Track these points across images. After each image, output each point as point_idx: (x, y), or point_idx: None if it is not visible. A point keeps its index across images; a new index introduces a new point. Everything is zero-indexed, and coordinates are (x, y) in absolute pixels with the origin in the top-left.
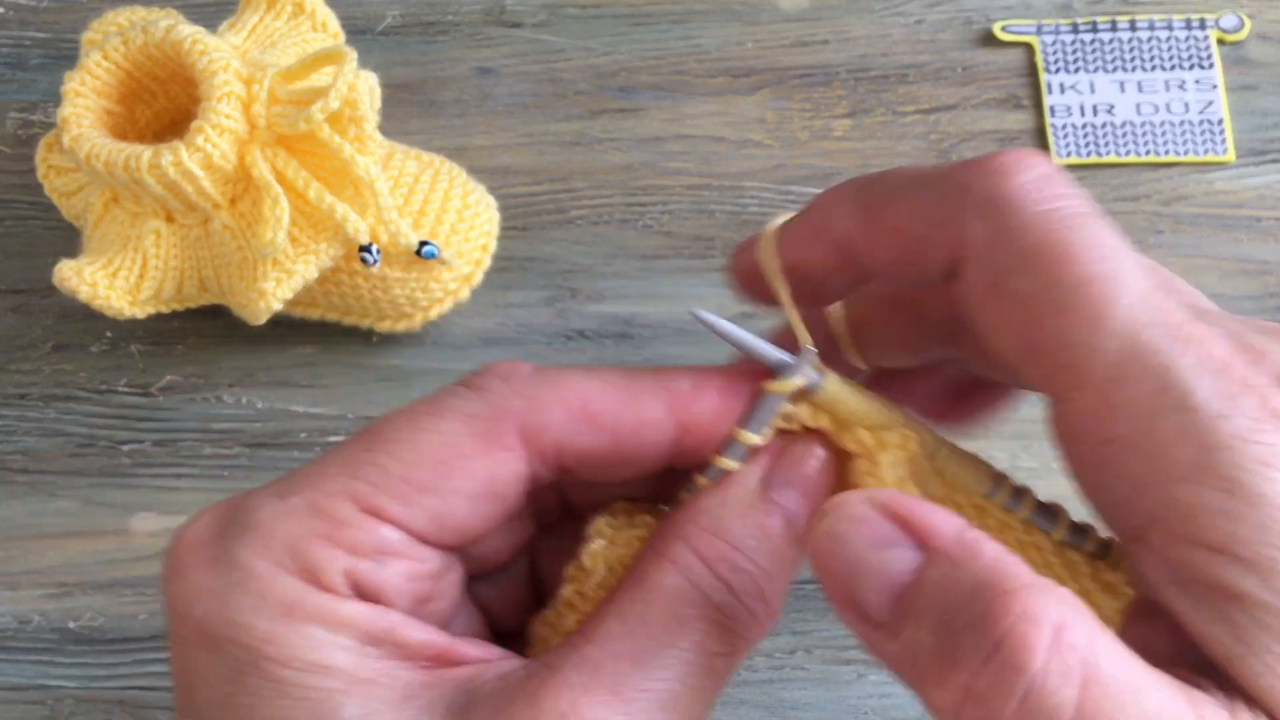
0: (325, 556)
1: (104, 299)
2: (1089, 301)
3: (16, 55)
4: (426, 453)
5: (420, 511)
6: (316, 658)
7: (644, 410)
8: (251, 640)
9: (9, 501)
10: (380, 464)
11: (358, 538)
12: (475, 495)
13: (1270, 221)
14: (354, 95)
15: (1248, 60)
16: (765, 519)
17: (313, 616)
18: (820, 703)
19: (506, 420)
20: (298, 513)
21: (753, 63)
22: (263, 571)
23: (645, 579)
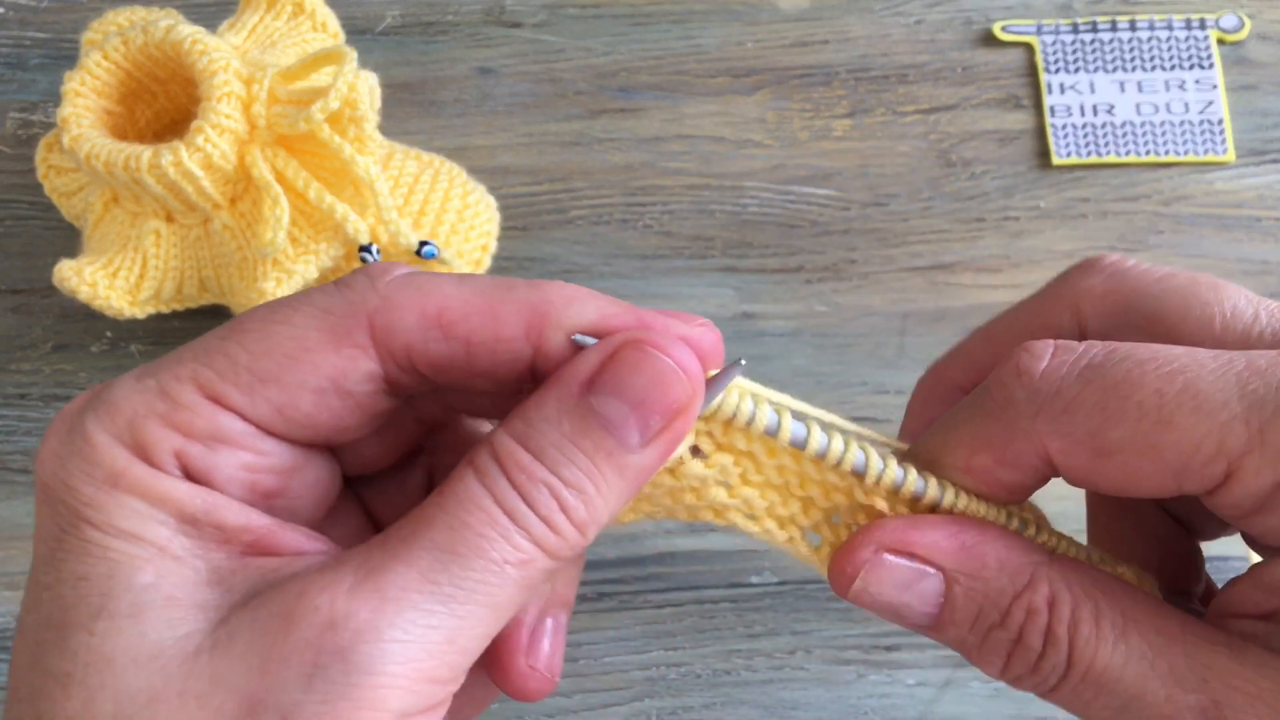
0: (157, 435)
1: (104, 299)
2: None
3: (16, 55)
4: (275, 344)
5: (262, 402)
6: (128, 526)
7: (502, 327)
8: (75, 502)
9: (9, 501)
10: (229, 353)
11: (192, 422)
12: (320, 389)
13: (1270, 221)
14: (354, 95)
15: (1248, 60)
16: (578, 430)
17: (134, 488)
18: (820, 703)
19: (358, 318)
20: (145, 393)
21: (753, 63)
22: (99, 442)
23: (447, 483)
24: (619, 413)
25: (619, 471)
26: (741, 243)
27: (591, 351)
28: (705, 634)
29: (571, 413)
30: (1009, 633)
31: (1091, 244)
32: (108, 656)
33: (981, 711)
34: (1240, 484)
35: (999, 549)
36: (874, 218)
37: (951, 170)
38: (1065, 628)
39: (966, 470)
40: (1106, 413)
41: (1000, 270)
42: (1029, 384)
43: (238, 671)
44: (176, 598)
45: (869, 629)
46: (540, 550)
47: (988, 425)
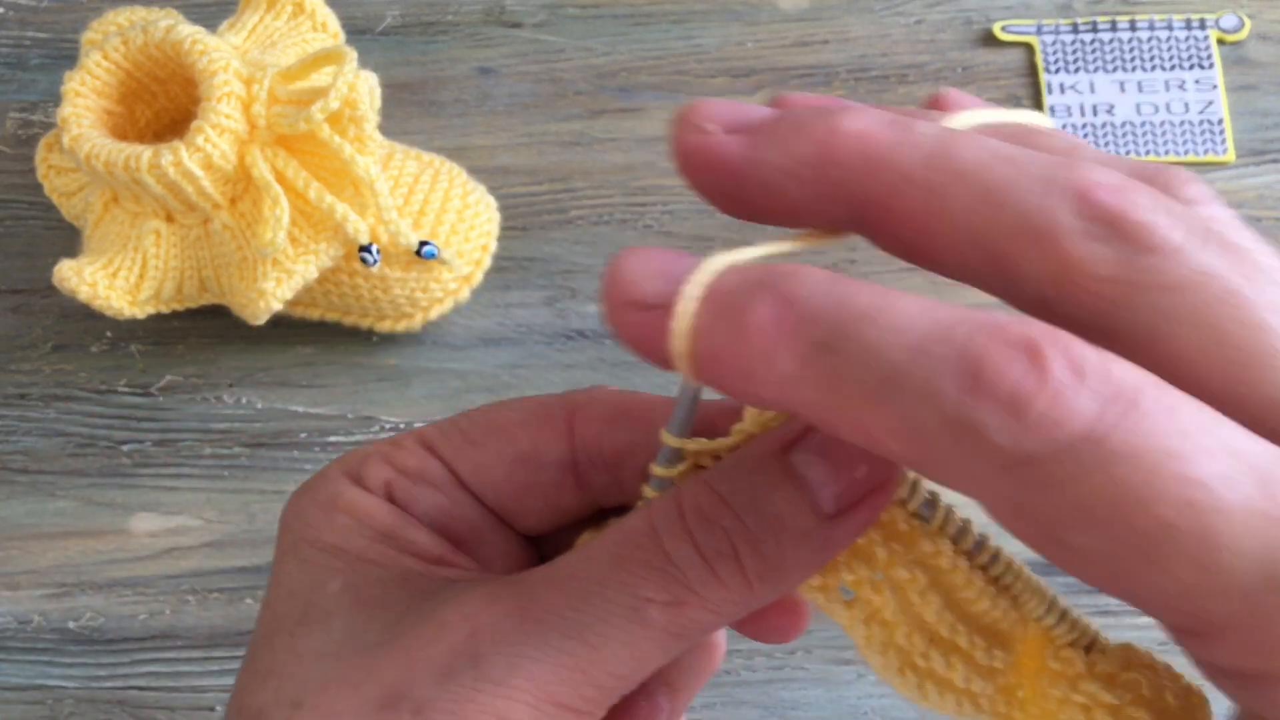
0: (374, 467)
1: (104, 299)
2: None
3: (16, 55)
4: (488, 419)
5: (464, 459)
6: (336, 540)
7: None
8: (301, 524)
9: (9, 501)
10: (454, 421)
11: (406, 460)
12: (515, 460)
13: (1270, 221)
14: (354, 95)
15: (1248, 60)
16: (774, 482)
17: (345, 508)
18: (820, 703)
19: (564, 408)
20: (380, 443)
21: (753, 63)
22: (330, 474)
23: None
24: (819, 473)
25: (806, 535)
26: (741, 243)
27: (793, 421)
28: None
29: (768, 466)
30: None
31: None
32: (300, 653)
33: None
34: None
35: None
36: None
37: None
38: None
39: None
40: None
41: None
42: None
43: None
44: (363, 600)
45: None
46: (694, 595)
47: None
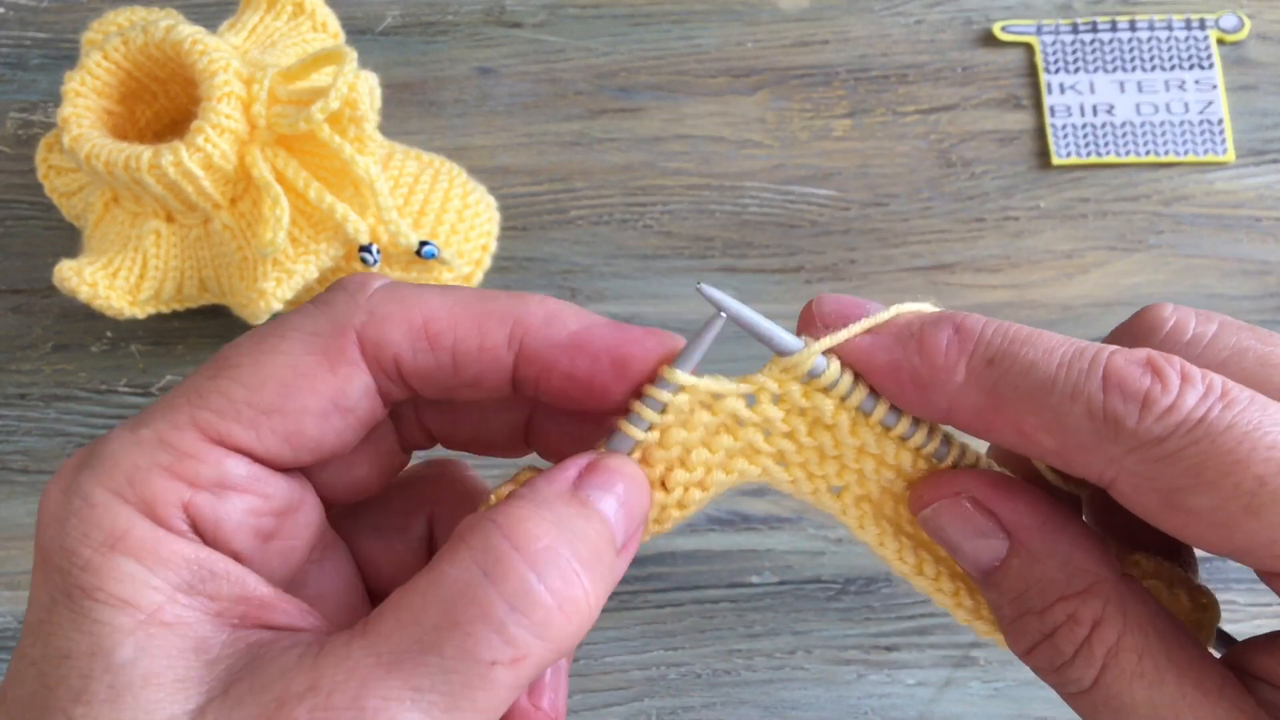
0: (163, 488)
1: (104, 299)
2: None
3: (16, 55)
4: (271, 374)
5: (268, 434)
6: (121, 591)
7: (486, 337)
8: (71, 567)
9: (9, 501)
10: (225, 390)
11: (199, 470)
12: (323, 412)
13: (1270, 221)
14: (354, 95)
15: (1248, 60)
16: (582, 512)
17: (133, 549)
18: (820, 703)
19: (347, 335)
20: (144, 444)
21: (753, 63)
22: (99, 500)
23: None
24: (610, 507)
25: (610, 566)
26: (741, 243)
27: (570, 462)
28: (705, 634)
29: (571, 499)
30: (1043, 626)
31: (1091, 244)
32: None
33: (981, 711)
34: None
35: (1075, 545)
36: (874, 218)
37: (951, 170)
38: (1104, 650)
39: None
40: (1199, 480)
41: (1000, 270)
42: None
43: None
44: (156, 675)
45: (869, 629)
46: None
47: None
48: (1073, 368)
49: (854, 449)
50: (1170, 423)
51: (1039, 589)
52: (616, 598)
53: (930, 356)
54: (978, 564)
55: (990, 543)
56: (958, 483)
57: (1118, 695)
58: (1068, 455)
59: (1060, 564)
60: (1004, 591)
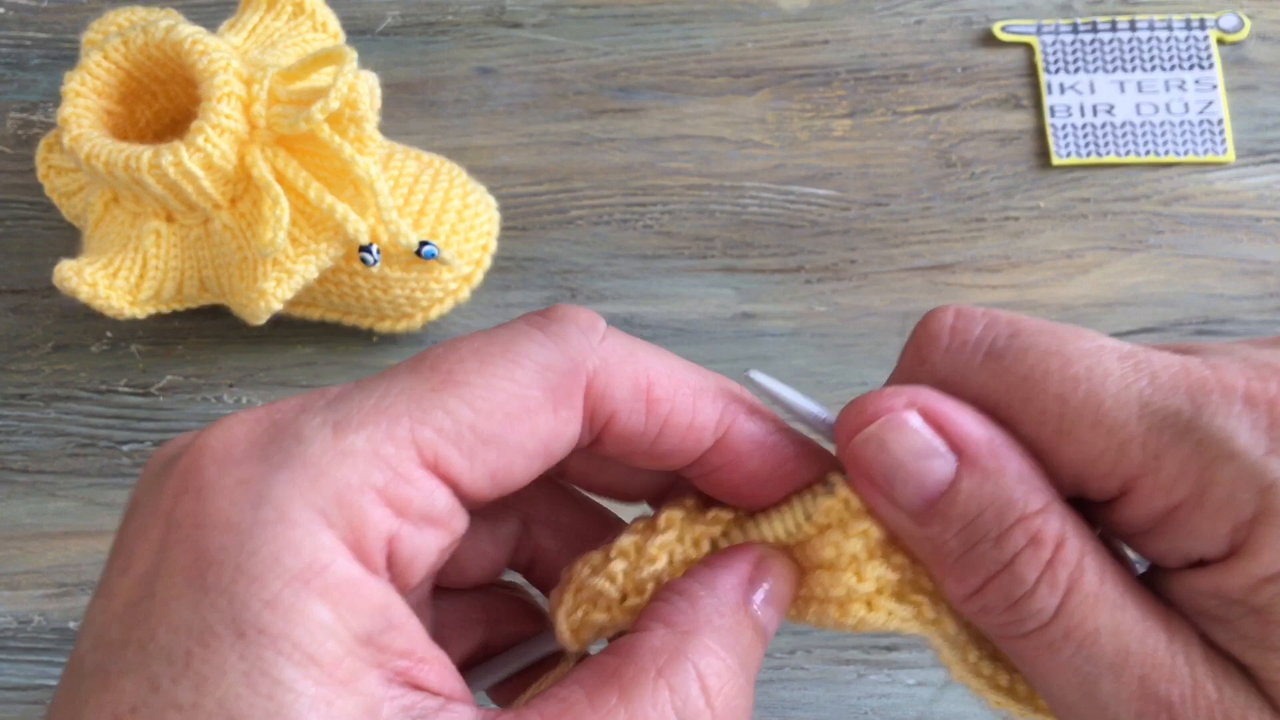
0: (376, 516)
1: (104, 299)
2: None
3: (16, 55)
4: (499, 403)
5: (480, 467)
6: (309, 644)
7: (699, 414)
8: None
9: (9, 501)
10: (451, 409)
11: (412, 499)
12: (534, 454)
13: (1270, 221)
14: (354, 95)
15: (1248, 60)
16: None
17: (330, 591)
18: (820, 703)
19: (578, 379)
20: (356, 457)
21: (753, 63)
22: (300, 520)
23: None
24: (772, 621)
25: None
26: (741, 243)
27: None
28: None
29: (745, 618)
30: (1000, 553)
31: (1091, 244)
32: None
33: (981, 712)
34: (1134, 505)
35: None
36: (874, 218)
37: (951, 170)
38: (1068, 572)
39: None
40: (1009, 411)
41: (1000, 270)
42: (932, 357)
43: None
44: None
45: None
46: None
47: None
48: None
49: None
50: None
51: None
52: None
53: None
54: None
55: (938, 463)
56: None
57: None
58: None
59: (1016, 479)
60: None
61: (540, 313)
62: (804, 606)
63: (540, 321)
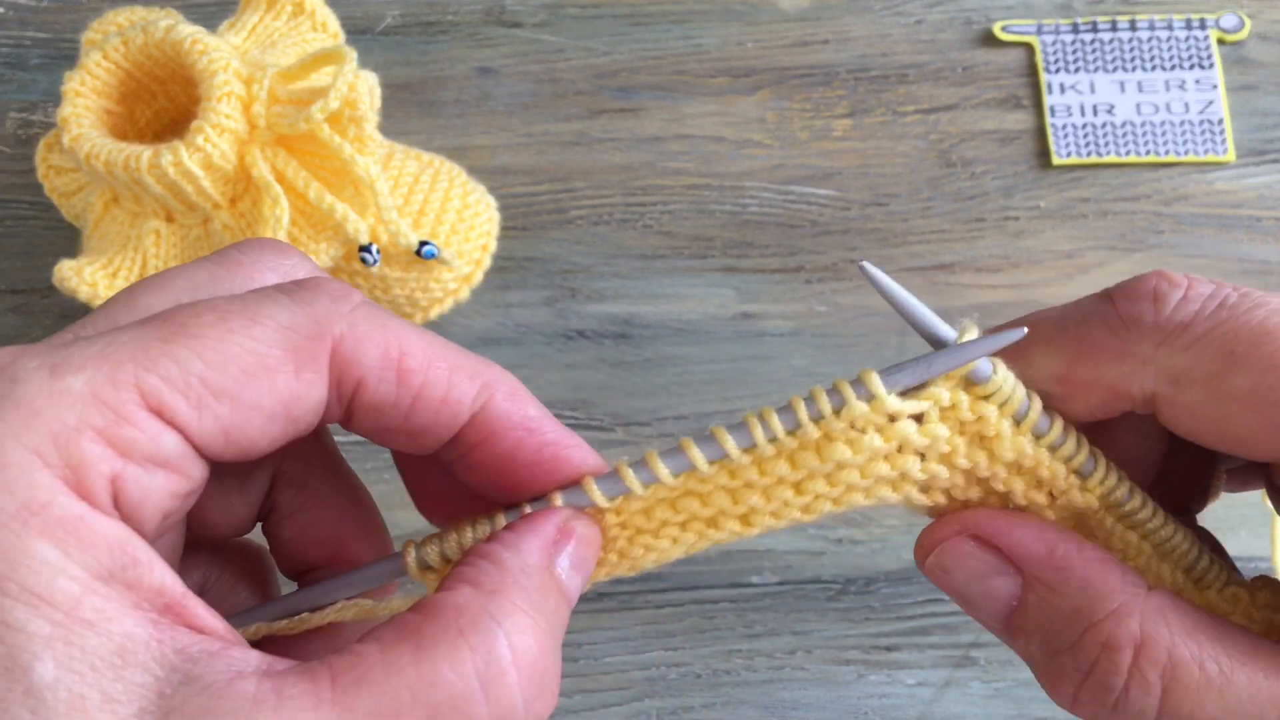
0: (94, 454)
1: (104, 299)
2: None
3: (16, 55)
4: (233, 357)
5: (210, 420)
6: (36, 584)
7: (454, 389)
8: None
9: None
10: (179, 359)
11: (136, 440)
12: (272, 414)
13: (1270, 221)
14: (354, 95)
15: (1248, 60)
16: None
17: (52, 529)
18: (820, 703)
19: (323, 341)
20: (73, 397)
21: (753, 63)
22: (13, 460)
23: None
24: (576, 586)
25: None
26: (741, 243)
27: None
28: (705, 634)
29: (551, 581)
30: (1079, 662)
31: (1091, 244)
32: None
33: (981, 712)
34: None
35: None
36: (874, 218)
37: (951, 170)
38: (1159, 670)
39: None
40: (1234, 358)
41: (1000, 270)
42: (1161, 310)
43: None
44: (82, 698)
45: (869, 629)
46: None
47: (1104, 336)
48: (1080, 303)
49: (1006, 467)
50: (1189, 309)
51: (1064, 621)
52: (616, 598)
53: None
54: (994, 610)
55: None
56: (956, 522)
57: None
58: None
59: (1079, 588)
60: (1029, 634)
61: (293, 280)
62: None
63: (289, 287)
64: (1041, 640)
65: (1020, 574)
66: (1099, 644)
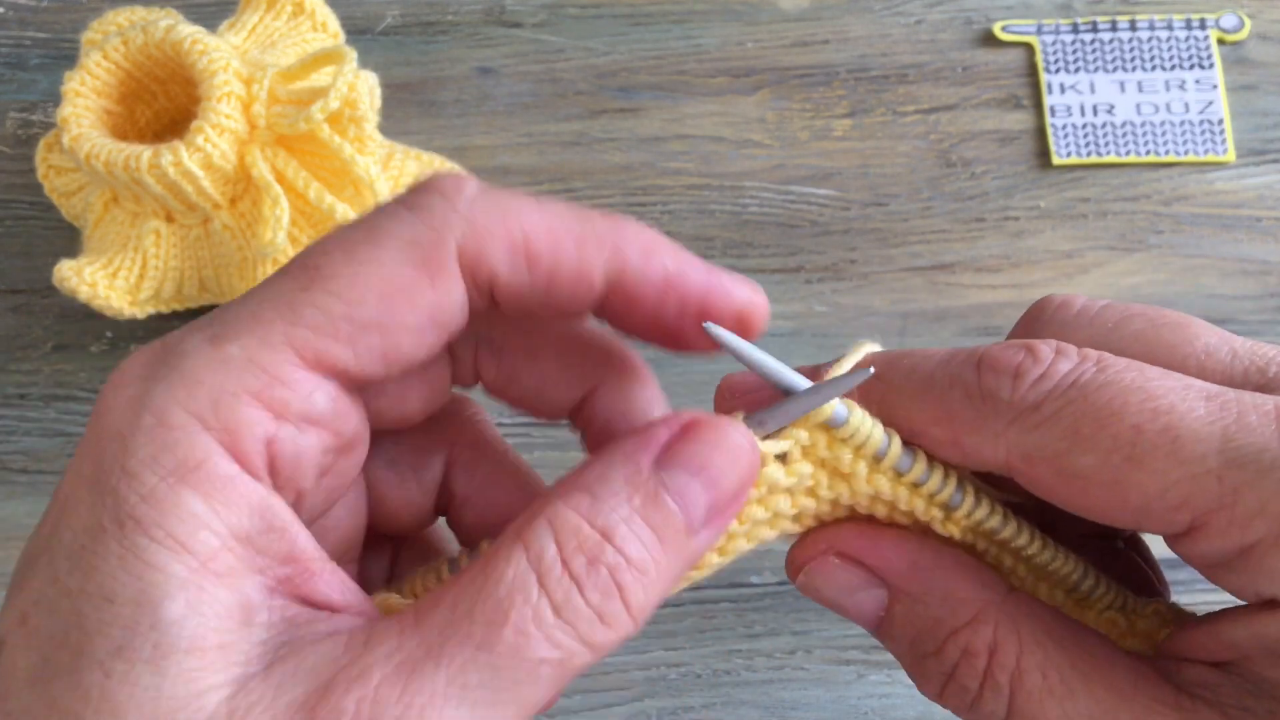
0: (250, 418)
1: (104, 299)
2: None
3: (16, 55)
4: (370, 286)
5: (365, 352)
6: (181, 532)
7: (585, 261)
8: (130, 493)
9: (9, 501)
10: (322, 305)
11: (289, 400)
12: (420, 327)
13: (1270, 221)
14: (354, 95)
15: (1248, 60)
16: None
17: (203, 485)
18: (820, 703)
19: (447, 246)
20: (232, 363)
21: (753, 63)
22: (177, 422)
23: (492, 561)
24: (692, 490)
25: (680, 553)
26: (741, 243)
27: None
28: (705, 634)
29: (643, 487)
30: (942, 666)
31: (1091, 244)
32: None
33: None
34: (1205, 540)
35: (950, 577)
36: (874, 218)
37: (951, 170)
38: (1008, 676)
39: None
40: (1079, 438)
41: (1000, 270)
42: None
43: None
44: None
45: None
46: (584, 647)
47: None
48: (952, 361)
49: (868, 497)
50: (1043, 389)
51: (928, 630)
52: None
53: None
54: (863, 619)
55: (869, 594)
56: (823, 540)
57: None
58: (960, 443)
59: (940, 599)
60: (898, 640)
61: (410, 187)
62: None
63: (406, 199)
64: (909, 645)
65: (886, 586)
66: (959, 649)
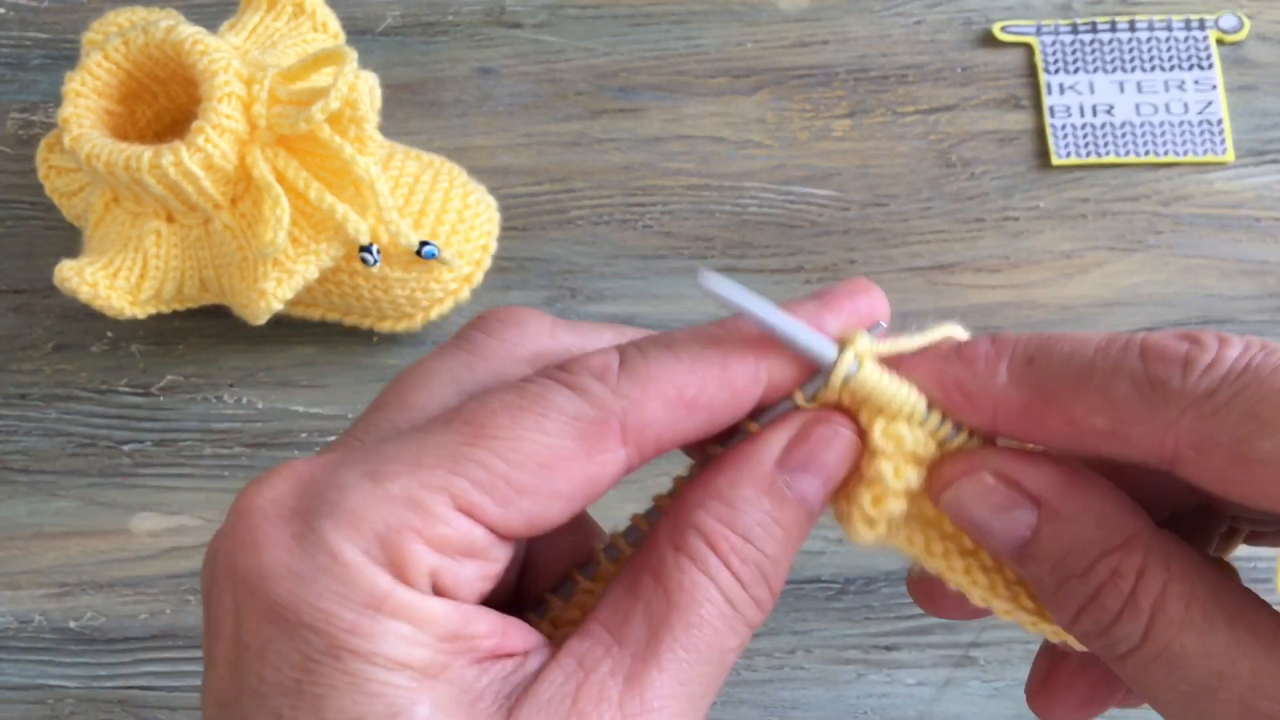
0: (415, 553)
1: (104, 299)
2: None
3: (17, 55)
4: (531, 455)
5: (515, 514)
6: (396, 653)
7: (736, 384)
8: (333, 629)
9: (9, 501)
10: (483, 462)
11: (448, 537)
12: (571, 497)
13: (1270, 221)
14: (354, 95)
15: (1247, 60)
16: (777, 508)
17: (398, 612)
18: (820, 702)
19: (610, 424)
20: (394, 503)
21: (753, 63)
22: (351, 559)
23: (663, 573)
24: (812, 487)
25: (803, 535)
26: (741, 243)
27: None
28: None
29: (770, 491)
30: (1086, 587)
31: (1091, 244)
32: None
33: (981, 711)
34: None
35: (1105, 501)
36: (874, 218)
37: (951, 170)
38: (1150, 601)
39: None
40: (1259, 422)
41: (1000, 270)
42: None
43: None
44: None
45: (869, 629)
46: (750, 630)
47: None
48: (1110, 349)
49: None
50: (1216, 375)
51: (1078, 550)
52: None
53: (971, 363)
54: (1009, 540)
55: (1019, 514)
56: (977, 459)
57: (1168, 646)
58: (1124, 433)
59: (1095, 521)
60: (1042, 562)
61: (558, 366)
62: None
63: (560, 376)
64: (1053, 566)
65: (1038, 506)
66: (1109, 570)
